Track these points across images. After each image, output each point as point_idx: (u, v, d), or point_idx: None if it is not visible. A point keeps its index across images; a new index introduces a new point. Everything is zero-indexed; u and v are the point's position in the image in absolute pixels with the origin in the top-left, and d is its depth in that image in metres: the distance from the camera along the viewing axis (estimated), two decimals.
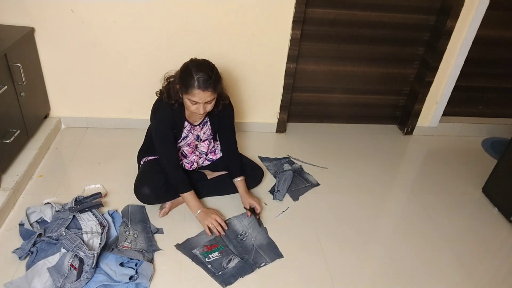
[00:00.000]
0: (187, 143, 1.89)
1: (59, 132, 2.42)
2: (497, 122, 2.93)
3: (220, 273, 1.61)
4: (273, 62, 2.39)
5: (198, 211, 1.78)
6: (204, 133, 1.89)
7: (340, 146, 2.60)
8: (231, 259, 1.67)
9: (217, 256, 1.68)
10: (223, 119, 1.87)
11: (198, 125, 1.85)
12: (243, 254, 1.71)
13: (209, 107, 1.67)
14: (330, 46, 2.50)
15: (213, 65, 1.67)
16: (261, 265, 1.68)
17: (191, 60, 1.67)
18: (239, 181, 1.93)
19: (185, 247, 1.70)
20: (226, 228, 1.78)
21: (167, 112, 1.73)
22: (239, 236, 1.81)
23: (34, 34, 2.13)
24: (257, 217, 1.87)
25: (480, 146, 2.81)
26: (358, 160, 2.47)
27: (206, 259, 1.66)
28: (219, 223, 1.76)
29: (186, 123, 1.80)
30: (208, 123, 1.87)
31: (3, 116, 1.83)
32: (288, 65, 2.40)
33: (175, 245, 1.71)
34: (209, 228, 1.76)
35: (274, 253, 1.74)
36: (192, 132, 1.85)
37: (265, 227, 1.87)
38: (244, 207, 1.92)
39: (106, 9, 2.10)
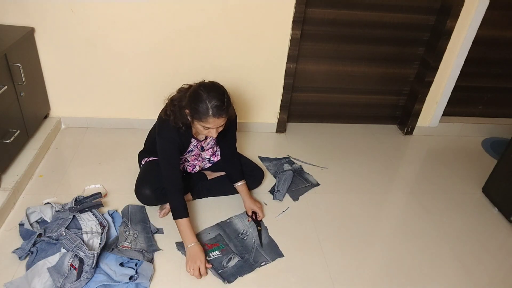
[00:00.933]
0: (191, 154, 1.89)
1: (59, 132, 2.42)
2: (497, 122, 2.93)
3: (220, 271, 1.62)
4: (273, 62, 2.38)
5: (191, 245, 1.62)
6: (208, 144, 1.89)
7: (340, 146, 2.60)
8: (231, 258, 1.67)
9: (218, 254, 1.69)
10: (227, 127, 1.84)
11: (204, 139, 1.84)
12: (243, 253, 1.71)
13: (221, 129, 1.63)
14: (330, 46, 2.50)
15: (222, 87, 1.60)
16: (262, 264, 1.68)
17: (200, 85, 1.57)
18: (240, 185, 1.92)
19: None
20: (205, 275, 1.60)
21: (175, 136, 1.68)
22: (240, 235, 1.81)
23: (34, 34, 2.13)
24: (258, 227, 1.85)
25: (480, 146, 2.81)
26: (358, 160, 2.47)
27: (207, 258, 1.66)
28: (199, 271, 1.59)
29: (192, 139, 1.78)
30: None
31: (3, 116, 1.83)
32: (288, 65, 2.39)
33: (176, 243, 1.71)
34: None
35: (274, 252, 1.75)
36: (197, 146, 1.85)
37: (265, 226, 1.87)
38: (246, 213, 1.92)
39: (106, 9, 2.10)
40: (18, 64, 1.90)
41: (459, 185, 2.35)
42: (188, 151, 1.83)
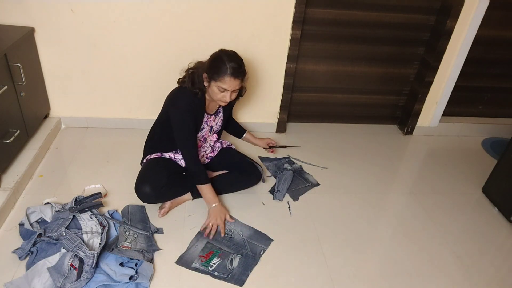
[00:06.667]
0: (202, 135, 1.91)
1: (59, 132, 2.42)
2: (497, 122, 2.93)
3: (229, 276, 1.60)
4: (273, 62, 2.39)
5: (214, 205, 1.81)
6: (216, 124, 1.95)
7: (340, 146, 2.60)
8: (232, 259, 1.67)
9: (218, 261, 1.66)
10: (233, 103, 1.98)
11: (213, 114, 1.90)
12: (240, 250, 1.73)
13: (234, 96, 1.73)
14: (330, 46, 2.50)
15: (241, 57, 1.74)
16: (261, 253, 1.71)
17: (221, 50, 1.73)
18: (247, 133, 2.16)
19: (184, 263, 1.64)
20: (221, 235, 1.79)
21: (190, 102, 1.75)
22: (226, 235, 1.80)
23: (34, 34, 2.13)
24: (273, 148, 2.17)
25: (480, 146, 2.81)
26: (358, 160, 2.47)
27: (209, 268, 1.62)
28: (218, 227, 1.80)
29: (204, 113, 1.85)
30: (221, 113, 1.94)
31: (3, 116, 1.83)
32: (288, 65, 2.40)
33: (175, 262, 1.65)
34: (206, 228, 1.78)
35: (264, 238, 1.79)
36: (208, 123, 1.89)
37: (239, 221, 1.88)
38: (264, 148, 2.20)
39: (106, 9, 2.10)
40: (18, 64, 1.90)
41: (459, 185, 2.35)
42: (201, 128, 1.88)
